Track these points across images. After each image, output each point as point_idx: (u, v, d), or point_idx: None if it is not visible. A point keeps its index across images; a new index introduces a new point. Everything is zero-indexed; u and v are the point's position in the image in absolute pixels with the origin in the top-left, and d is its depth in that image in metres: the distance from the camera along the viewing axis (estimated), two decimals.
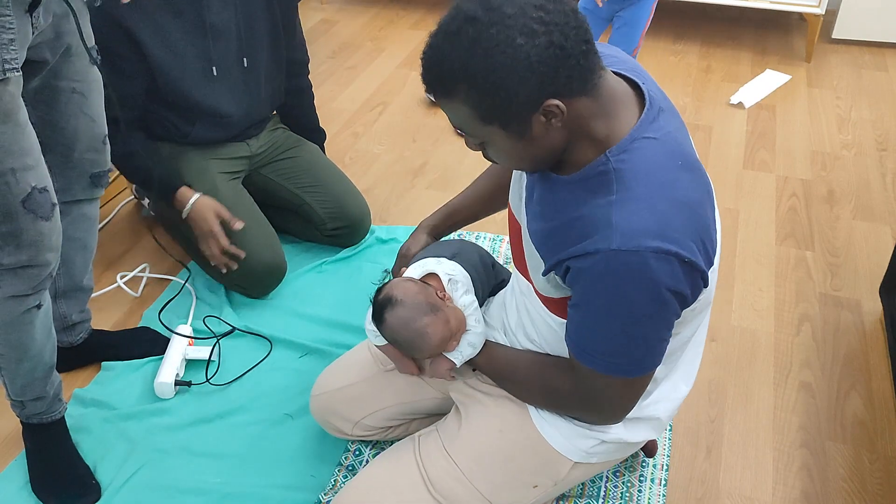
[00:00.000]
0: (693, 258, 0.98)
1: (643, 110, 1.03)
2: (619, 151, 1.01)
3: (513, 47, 0.91)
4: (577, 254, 1.00)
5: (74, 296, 1.68)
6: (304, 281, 2.06)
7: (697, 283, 1.01)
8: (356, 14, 3.69)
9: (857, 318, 1.95)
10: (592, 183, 1.02)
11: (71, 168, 1.50)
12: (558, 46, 0.92)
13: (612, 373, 1.08)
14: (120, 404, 1.70)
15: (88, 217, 1.60)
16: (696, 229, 1.00)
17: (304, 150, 2.16)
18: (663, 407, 1.29)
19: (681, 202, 0.99)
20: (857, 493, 1.53)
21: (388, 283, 1.32)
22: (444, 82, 0.97)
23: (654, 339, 1.05)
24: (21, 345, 1.39)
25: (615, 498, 1.52)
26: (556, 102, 0.95)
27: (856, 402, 1.73)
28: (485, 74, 0.93)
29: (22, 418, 1.53)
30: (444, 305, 1.28)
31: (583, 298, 1.04)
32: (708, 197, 1.06)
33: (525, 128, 0.98)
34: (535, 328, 1.24)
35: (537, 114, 0.96)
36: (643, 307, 0.99)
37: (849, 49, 3.30)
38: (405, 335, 1.27)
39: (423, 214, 2.31)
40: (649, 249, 0.95)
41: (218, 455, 1.60)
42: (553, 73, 0.93)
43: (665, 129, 1.04)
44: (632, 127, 1.02)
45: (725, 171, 2.53)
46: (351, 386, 1.48)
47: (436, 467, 1.29)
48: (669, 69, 3.15)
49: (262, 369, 1.80)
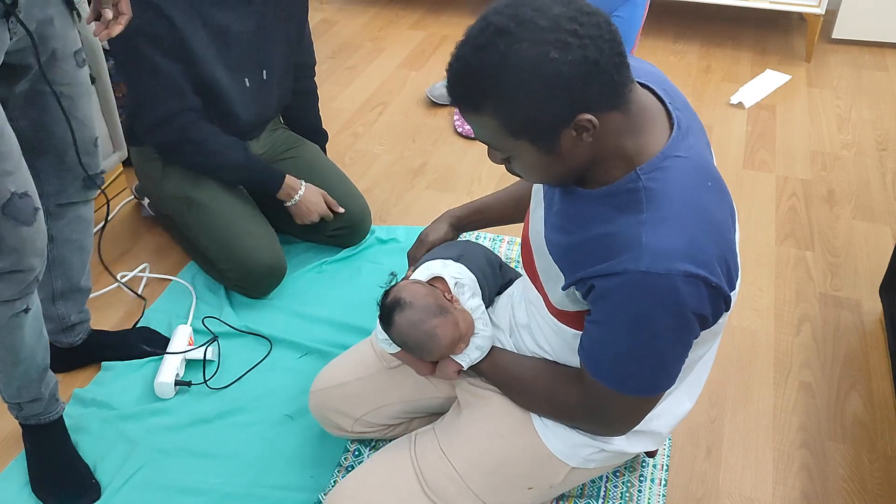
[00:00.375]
0: (719, 283, 0.97)
1: (672, 125, 1.02)
2: (650, 169, 0.98)
3: (546, 62, 0.88)
4: (604, 273, 0.98)
5: (72, 297, 1.67)
6: (304, 281, 2.06)
7: (720, 305, 1.01)
8: (356, 14, 3.69)
9: (857, 318, 1.95)
10: (621, 200, 1.00)
11: (65, 171, 1.50)
12: (593, 62, 0.89)
13: (625, 391, 1.07)
14: (120, 404, 1.70)
15: (84, 219, 1.59)
16: (722, 252, 0.99)
17: (304, 151, 2.16)
18: (665, 421, 1.29)
19: (710, 224, 0.98)
20: (857, 493, 1.53)
21: (396, 285, 1.32)
22: (473, 96, 0.94)
23: (671, 360, 1.04)
24: (12, 348, 1.39)
25: (615, 498, 1.52)
26: (588, 117, 0.92)
27: (856, 402, 1.72)
28: (516, 89, 0.90)
29: (20, 420, 1.53)
30: (452, 307, 1.28)
31: (605, 316, 1.02)
32: (732, 219, 1.05)
33: (555, 143, 0.95)
34: (543, 334, 1.23)
35: (568, 129, 0.93)
36: (665, 329, 0.98)
37: (849, 49, 3.30)
38: (415, 337, 1.26)
39: (423, 214, 2.33)
40: (679, 273, 0.94)
41: (218, 455, 1.60)
42: (586, 87, 0.90)
43: (695, 147, 1.02)
44: (662, 145, 1.00)
45: (725, 171, 2.53)
46: (353, 382, 1.47)
47: (431, 466, 1.29)
48: (669, 69, 3.14)
49: (261, 369, 1.80)
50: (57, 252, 1.58)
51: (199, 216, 1.95)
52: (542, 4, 0.90)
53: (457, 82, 0.95)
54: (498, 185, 2.45)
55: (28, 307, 1.37)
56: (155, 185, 2.04)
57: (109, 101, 2.23)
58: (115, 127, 2.27)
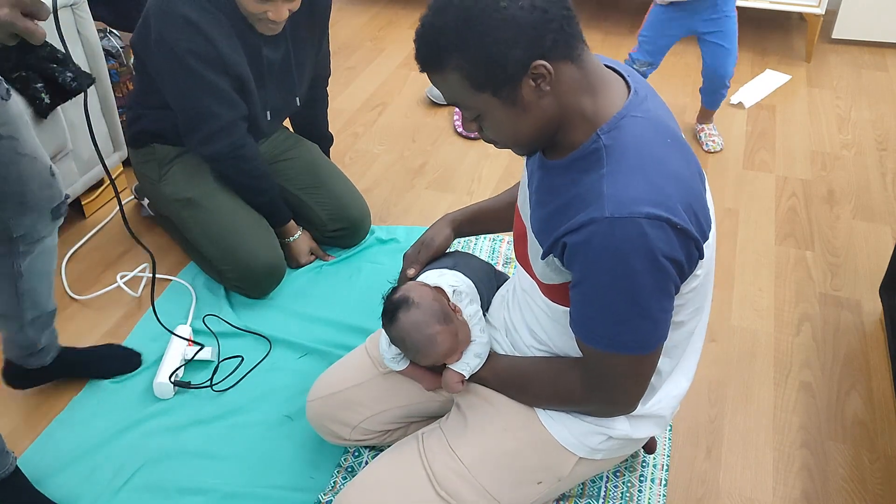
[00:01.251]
0: (685, 225, 0.99)
1: (629, 94, 1.07)
2: (608, 129, 1.03)
3: (498, 10, 0.95)
4: (573, 227, 1.01)
5: (41, 321, 1.60)
6: (304, 281, 2.06)
7: (692, 251, 1.02)
8: (356, 14, 3.69)
9: (857, 318, 1.95)
10: (585, 162, 1.04)
11: (29, 211, 1.41)
12: (541, 9, 0.96)
13: (619, 350, 1.07)
14: (120, 404, 1.71)
15: (50, 248, 1.53)
16: (687, 200, 1.01)
17: (304, 151, 2.17)
18: (666, 404, 1.30)
19: (671, 174, 1.01)
20: (858, 493, 1.53)
21: (406, 285, 1.32)
22: (437, 55, 1.00)
23: (657, 310, 1.05)
24: None
25: (615, 498, 1.51)
26: (543, 62, 0.98)
27: (856, 402, 1.72)
28: (474, 40, 0.97)
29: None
30: (455, 317, 1.28)
31: (582, 275, 1.04)
32: (698, 175, 1.08)
33: (516, 93, 1.00)
34: (539, 322, 1.24)
35: (526, 77, 0.99)
36: (642, 275, 0.99)
37: (849, 49, 3.30)
38: (415, 338, 1.27)
39: (423, 214, 2.33)
40: (643, 215, 0.96)
41: (217, 456, 1.60)
42: (538, 34, 0.97)
43: (653, 111, 1.07)
44: (619, 107, 1.05)
45: (725, 171, 2.53)
46: (349, 389, 1.47)
47: (440, 464, 1.29)
48: (669, 69, 3.14)
49: (261, 370, 1.80)
50: (26, 286, 1.51)
51: (198, 216, 1.96)
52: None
53: (422, 45, 1.02)
54: (498, 185, 2.45)
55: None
56: (154, 187, 2.04)
57: (109, 101, 2.24)
58: (115, 127, 2.28)
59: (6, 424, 1.67)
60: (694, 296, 1.13)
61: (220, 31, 1.74)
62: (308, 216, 2.11)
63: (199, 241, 1.97)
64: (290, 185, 2.10)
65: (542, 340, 1.26)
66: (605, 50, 3.31)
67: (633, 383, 1.14)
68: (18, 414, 1.70)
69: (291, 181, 2.10)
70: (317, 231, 2.12)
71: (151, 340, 1.87)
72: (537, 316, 1.24)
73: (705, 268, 1.09)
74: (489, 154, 2.61)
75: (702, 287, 1.13)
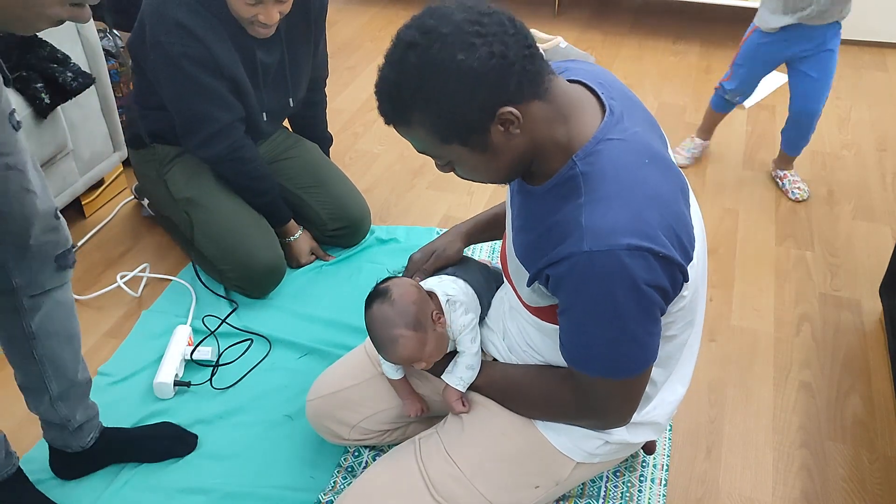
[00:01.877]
0: (668, 252, 0.98)
1: (604, 115, 1.04)
2: (584, 155, 1.01)
3: (455, 63, 0.92)
4: (553, 260, 1.01)
5: (72, 394, 1.45)
6: (304, 281, 2.06)
7: (676, 276, 1.01)
8: (356, 14, 3.69)
9: (857, 318, 1.95)
10: (562, 189, 1.03)
11: (31, 258, 1.26)
12: (500, 55, 0.93)
13: (608, 375, 1.07)
14: (120, 404, 1.70)
15: (64, 304, 1.36)
16: (668, 223, 0.99)
17: (304, 150, 2.17)
18: (662, 410, 1.30)
19: (651, 197, 0.99)
20: (857, 493, 1.53)
21: (398, 277, 1.32)
22: (399, 111, 0.98)
23: (643, 335, 1.04)
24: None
25: (615, 498, 1.51)
26: (509, 109, 0.95)
27: (856, 402, 1.72)
28: (434, 95, 0.94)
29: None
30: (430, 327, 1.27)
31: (567, 304, 1.04)
32: (681, 192, 1.05)
33: (485, 140, 0.98)
34: (529, 334, 1.25)
35: (494, 124, 0.96)
36: (625, 305, 0.99)
37: (849, 49, 3.30)
38: (378, 333, 1.28)
39: (423, 214, 2.33)
40: (621, 247, 0.95)
41: (217, 456, 1.60)
42: (500, 81, 0.94)
43: (630, 129, 1.04)
44: (594, 131, 1.02)
45: (725, 171, 2.53)
46: (348, 389, 1.47)
47: (437, 469, 1.29)
48: (669, 69, 3.14)
49: (261, 370, 1.80)
50: (43, 351, 1.36)
51: (198, 216, 1.96)
52: (444, 13, 0.96)
53: (383, 101, 0.99)
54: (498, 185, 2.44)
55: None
56: (154, 187, 2.04)
57: (109, 101, 2.24)
58: (115, 127, 2.28)
59: (7, 425, 1.67)
60: (683, 313, 1.12)
61: (213, 34, 1.74)
62: (308, 215, 2.11)
63: (199, 240, 1.97)
64: (291, 185, 2.10)
65: (535, 348, 1.25)
66: (604, 50, 3.31)
67: (623, 403, 1.14)
68: (19, 414, 1.70)
69: (291, 180, 2.10)
70: (317, 230, 2.13)
71: (151, 340, 1.88)
72: (527, 330, 1.25)
73: (692, 287, 1.08)
74: None
75: (690, 304, 1.12)
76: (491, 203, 2.38)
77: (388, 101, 0.99)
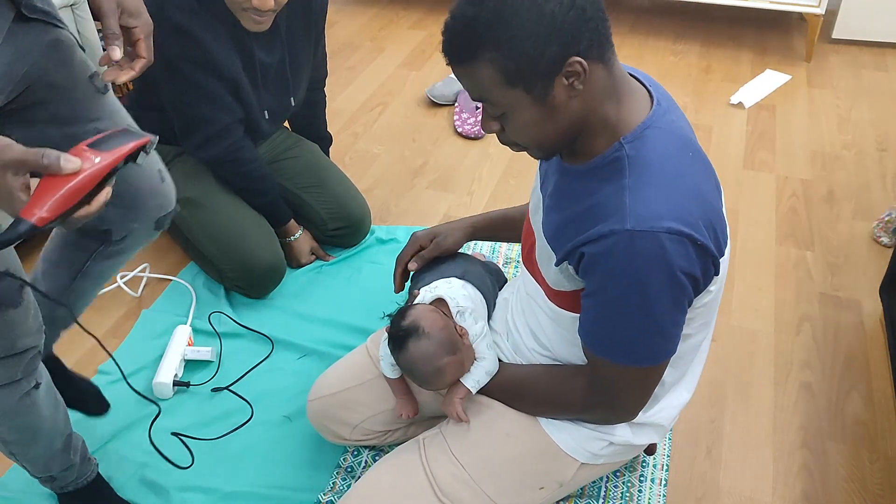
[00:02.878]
0: (705, 242, 0.99)
1: (652, 105, 1.05)
2: (632, 139, 1.02)
3: (537, 5, 0.93)
4: (592, 238, 1.00)
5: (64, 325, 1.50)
6: (304, 281, 2.05)
7: (709, 267, 1.02)
8: (356, 14, 3.69)
9: (857, 318, 1.95)
10: (606, 171, 1.03)
11: (135, 219, 1.28)
12: (580, 8, 0.94)
13: (629, 362, 1.08)
14: (119, 404, 1.70)
15: (126, 258, 1.41)
16: (707, 216, 1.01)
17: (304, 150, 2.17)
18: (667, 414, 1.30)
19: (693, 189, 1.01)
20: (858, 493, 1.53)
21: (414, 308, 1.30)
22: (470, 47, 0.96)
23: (669, 324, 1.05)
24: (30, 428, 1.27)
25: (615, 498, 1.51)
26: (579, 59, 0.96)
27: (856, 402, 1.72)
28: (512, 33, 0.94)
29: (56, 490, 1.43)
30: (462, 345, 1.27)
31: (598, 285, 1.04)
32: (717, 190, 1.08)
33: (548, 90, 0.98)
34: (543, 329, 1.24)
35: (560, 75, 0.97)
36: (658, 290, 0.99)
37: (849, 49, 3.30)
38: (424, 369, 1.25)
39: (423, 214, 2.33)
40: (664, 230, 0.96)
41: (217, 455, 1.60)
42: (575, 32, 0.95)
43: (676, 123, 1.06)
44: (643, 117, 1.03)
45: (725, 171, 2.52)
46: (350, 389, 1.47)
47: (442, 470, 1.28)
48: (669, 69, 3.14)
49: (261, 370, 1.80)
50: (79, 284, 1.41)
51: (198, 216, 1.96)
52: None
53: (454, 37, 0.98)
54: (498, 185, 2.45)
55: (38, 383, 1.23)
56: None
57: None
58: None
59: None
60: (704, 311, 1.13)
61: (212, 35, 1.74)
62: (308, 215, 2.11)
63: (199, 240, 1.97)
64: (291, 184, 2.10)
65: (545, 345, 1.25)
66: None
67: (637, 393, 1.14)
68: None
69: (292, 180, 2.10)
70: (317, 230, 2.12)
71: (151, 339, 1.88)
72: (540, 320, 1.24)
73: (719, 283, 1.09)
74: (489, 154, 2.61)
75: (713, 302, 1.13)
76: (491, 204, 2.38)
77: (459, 36, 0.97)
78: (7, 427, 1.25)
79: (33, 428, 1.26)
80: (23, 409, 1.22)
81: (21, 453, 1.31)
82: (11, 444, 1.29)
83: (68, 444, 1.37)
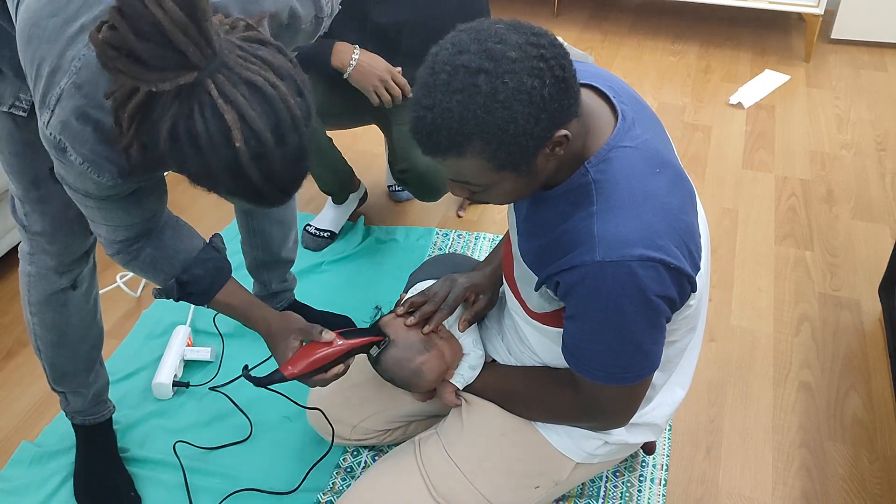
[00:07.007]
0: (678, 264, 0.98)
1: (617, 120, 1.03)
2: (597, 162, 1.01)
3: (527, 92, 0.88)
4: (564, 267, 1.01)
5: (274, 266, 1.76)
6: (304, 281, 2.05)
7: (685, 286, 1.02)
8: None
9: (857, 318, 1.95)
10: (574, 196, 1.02)
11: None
12: (562, 80, 0.91)
13: (612, 382, 1.08)
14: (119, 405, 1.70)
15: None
16: (679, 235, 1.00)
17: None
18: (661, 412, 1.31)
19: (662, 208, 0.99)
20: (857, 493, 1.53)
21: (380, 320, 1.31)
22: (455, 142, 0.91)
23: (649, 344, 1.05)
24: (55, 327, 1.33)
25: (615, 498, 1.51)
26: (564, 132, 0.94)
27: (855, 402, 1.73)
28: (502, 124, 0.89)
29: (68, 415, 1.51)
30: (437, 339, 1.27)
31: (576, 310, 1.04)
32: (690, 201, 1.06)
33: (532, 164, 0.96)
34: (530, 337, 1.25)
35: (544, 148, 0.94)
36: (634, 315, 0.99)
37: (848, 49, 3.30)
38: (401, 375, 1.27)
39: (422, 215, 2.33)
40: (633, 258, 0.95)
41: (217, 455, 1.60)
42: (561, 105, 0.92)
43: (641, 137, 1.03)
44: (607, 138, 1.02)
45: (725, 171, 2.53)
46: (350, 388, 1.47)
47: (438, 470, 1.29)
48: (669, 69, 3.15)
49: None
50: (256, 224, 1.65)
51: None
52: (502, 36, 0.90)
53: (435, 132, 0.91)
54: None
55: (75, 285, 1.28)
56: None
57: None
58: None
59: (6, 424, 1.66)
60: (687, 321, 1.13)
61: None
62: (390, 144, 2.06)
63: None
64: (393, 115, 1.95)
65: (535, 351, 1.26)
66: (604, 50, 3.31)
67: (624, 407, 1.15)
68: (19, 414, 1.70)
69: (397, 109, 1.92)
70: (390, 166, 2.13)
71: (151, 340, 1.88)
72: (528, 333, 1.25)
73: (698, 296, 1.08)
74: None
75: (695, 312, 1.13)
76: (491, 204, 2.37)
77: (445, 131, 0.90)
78: (39, 319, 1.34)
79: (60, 329, 1.33)
80: (52, 305, 1.30)
81: (45, 352, 1.39)
82: (39, 339, 1.38)
83: (90, 370, 1.43)
